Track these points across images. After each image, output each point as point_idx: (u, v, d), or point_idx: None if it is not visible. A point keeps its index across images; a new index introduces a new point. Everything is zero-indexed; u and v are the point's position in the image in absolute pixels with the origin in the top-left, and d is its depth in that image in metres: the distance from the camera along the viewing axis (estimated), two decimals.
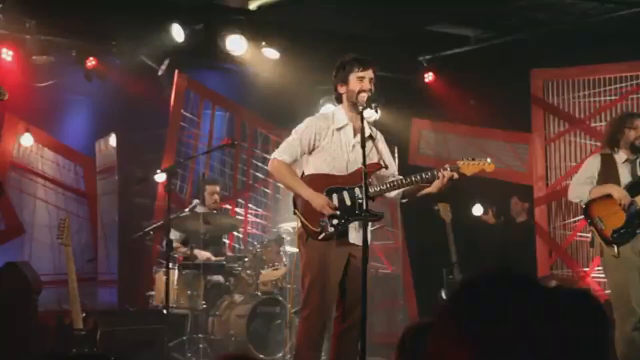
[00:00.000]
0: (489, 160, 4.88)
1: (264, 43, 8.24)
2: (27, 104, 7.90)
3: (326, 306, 4.67)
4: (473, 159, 4.83)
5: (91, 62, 8.21)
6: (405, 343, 2.25)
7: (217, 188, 7.85)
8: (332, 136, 4.75)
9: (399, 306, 9.33)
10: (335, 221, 4.64)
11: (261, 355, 6.84)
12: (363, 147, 4.42)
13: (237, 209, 9.14)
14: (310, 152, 4.79)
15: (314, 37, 8.34)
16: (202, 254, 7.43)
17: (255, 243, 8.21)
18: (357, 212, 4.65)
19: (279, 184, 7.66)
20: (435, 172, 4.70)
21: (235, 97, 9.34)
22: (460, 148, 9.20)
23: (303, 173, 4.85)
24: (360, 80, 4.71)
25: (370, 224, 4.49)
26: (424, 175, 4.70)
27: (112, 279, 8.66)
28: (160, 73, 8.74)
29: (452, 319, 1.50)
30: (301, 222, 4.74)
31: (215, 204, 7.73)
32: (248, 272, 7.38)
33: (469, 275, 1.57)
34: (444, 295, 7.50)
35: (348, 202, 4.69)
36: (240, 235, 8.93)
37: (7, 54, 7.78)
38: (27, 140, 8.23)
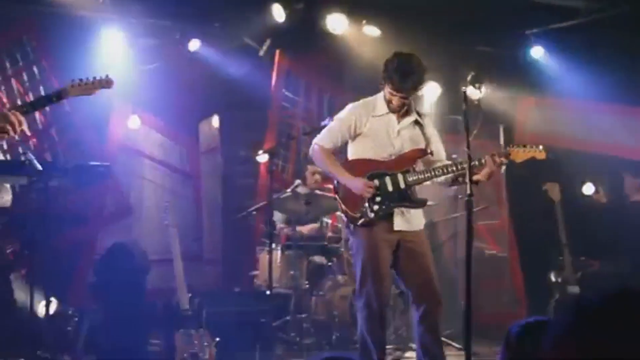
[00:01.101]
0: (540, 147, 4.75)
1: (364, 21, 8.14)
2: (134, 86, 8.05)
3: (381, 293, 4.60)
4: (524, 146, 4.71)
5: (194, 44, 8.31)
6: (511, 339, 2.14)
7: (319, 168, 7.81)
8: (375, 122, 4.68)
9: (506, 287, 9.15)
10: (375, 207, 4.59)
11: None
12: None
13: None
14: (353, 138, 4.74)
15: (416, 14, 8.16)
16: (306, 227, 7.45)
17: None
18: (399, 197, 4.58)
19: None
20: (483, 159, 4.57)
21: (336, 77, 9.26)
22: (569, 125, 8.86)
23: (347, 159, 4.81)
24: (392, 96, 4.65)
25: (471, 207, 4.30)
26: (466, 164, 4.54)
27: (217, 258, 8.78)
28: (261, 53, 8.77)
29: (572, 340, 1.36)
30: (341, 208, 4.68)
31: (317, 184, 7.72)
32: (350, 252, 7.33)
33: (589, 293, 1.41)
34: (552, 278, 7.29)
35: (390, 188, 4.63)
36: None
37: (114, 38, 7.96)
38: (134, 122, 8.41)
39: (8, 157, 6.08)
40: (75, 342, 6.35)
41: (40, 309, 6.12)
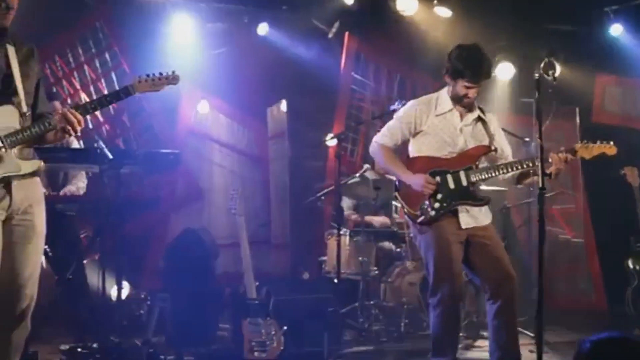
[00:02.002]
0: (611, 142, 4.56)
1: (435, 2, 7.99)
2: (203, 70, 8.09)
3: (455, 290, 4.51)
4: (594, 142, 4.53)
5: (263, 27, 8.29)
6: (581, 355, 2.04)
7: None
8: (437, 120, 4.60)
9: (582, 273, 8.95)
10: (436, 204, 4.50)
11: None
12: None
13: None
14: (413, 136, 4.67)
15: None
16: (376, 219, 7.38)
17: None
18: (461, 195, 4.50)
19: None
20: (549, 158, 4.43)
21: (406, 59, 9.11)
22: None
23: (408, 156, 4.73)
24: (467, 89, 4.54)
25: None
26: (531, 162, 4.48)
27: (285, 242, 8.79)
28: (330, 36, 8.71)
29: None
30: (402, 206, 4.63)
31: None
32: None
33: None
34: (630, 265, 7.06)
35: (452, 186, 4.54)
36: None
37: (184, 24, 8.00)
38: (203, 107, 8.46)
39: (82, 144, 6.19)
40: (147, 325, 6.45)
41: (113, 293, 6.25)
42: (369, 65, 9.06)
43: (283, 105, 8.78)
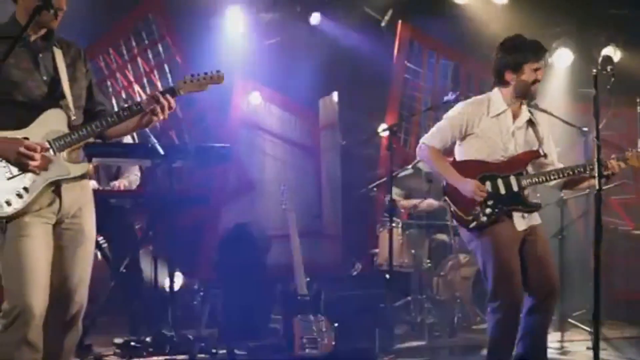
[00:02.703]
0: None
1: None
2: (255, 61, 8.08)
3: (516, 296, 4.42)
4: None
5: (315, 17, 8.23)
6: None
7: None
8: (490, 123, 4.52)
9: None
10: (488, 210, 4.42)
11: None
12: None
13: None
14: (462, 139, 4.58)
15: None
16: (425, 202, 7.26)
17: None
18: (512, 201, 4.44)
19: None
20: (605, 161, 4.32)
21: (461, 46, 8.95)
22: None
23: (454, 159, 4.65)
24: (535, 72, 4.47)
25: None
26: (582, 168, 4.42)
27: (337, 233, 8.76)
28: (383, 24, 8.61)
29: None
30: (451, 210, 4.55)
31: None
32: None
33: None
34: None
35: (502, 191, 4.46)
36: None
37: (237, 14, 7.99)
38: (255, 98, 8.46)
39: (136, 138, 6.25)
40: (200, 316, 6.51)
41: (166, 284, 6.31)
42: (422, 53, 8.92)
43: (335, 96, 8.72)
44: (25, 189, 3.20)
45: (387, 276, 5.94)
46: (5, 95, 3.23)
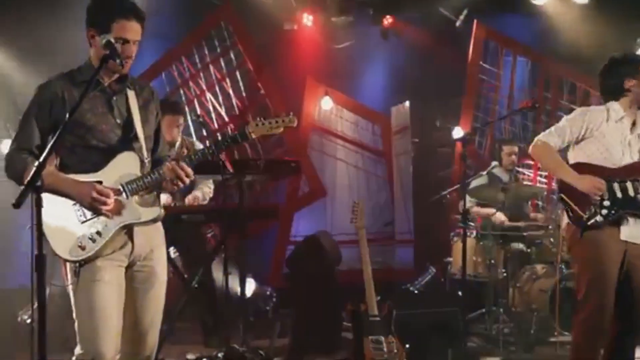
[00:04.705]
0: None
1: None
2: (326, 66, 8.02)
3: (607, 307, 4.33)
4: None
5: (388, 19, 8.13)
6: None
7: (515, 148, 7.39)
8: (610, 129, 4.46)
9: None
10: (604, 211, 4.37)
11: (565, 333, 6.42)
12: None
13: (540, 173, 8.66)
14: (578, 141, 4.53)
15: None
16: (498, 216, 7.10)
17: (559, 211, 7.66)
18: (629, 205, 4.37)
19: None
20: None
21: (538, 44, 8.70)
22: None
23: (567, 162, 4.58)
24: None
25: None
26: None
27: (409, 238, 8.66)
28: (458, 24, 8.45)
29: None
30: (569, 206, 4.46)
31: (512, 165, 7.32)
32: (552, 240, 6.93)
33: None
34: None
35: (619, 194, 4.40)
36: (541, 204, 8.42)
37: (308, 19, 7.94)
38: (326, 103, 8.41)
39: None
40: (273, 322, 6.53)
41: (238, 291, 6.33)
42: (498, 53, 8.71)
43: (407, 104, 8.60)
44: (99, 232, 3.23)
45: (460, 293, 5.82)
46: (80, 139, 3.27)
